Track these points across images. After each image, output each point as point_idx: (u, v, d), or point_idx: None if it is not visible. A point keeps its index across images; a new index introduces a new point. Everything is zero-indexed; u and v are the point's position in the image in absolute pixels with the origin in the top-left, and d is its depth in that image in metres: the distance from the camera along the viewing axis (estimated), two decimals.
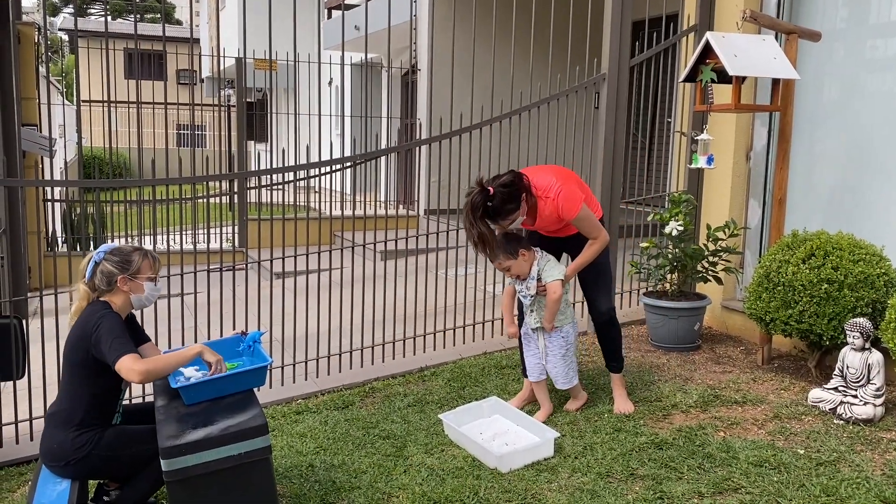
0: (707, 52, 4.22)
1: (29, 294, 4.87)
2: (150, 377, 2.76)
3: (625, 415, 3.81)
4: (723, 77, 4.21)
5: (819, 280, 3.90)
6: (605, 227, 3.76)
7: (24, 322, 3.89)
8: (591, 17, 5.21)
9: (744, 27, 4.46)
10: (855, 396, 3.67)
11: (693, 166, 4.53)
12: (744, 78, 4.14)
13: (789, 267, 4.02)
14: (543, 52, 5.70)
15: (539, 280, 3.68)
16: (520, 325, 3.95)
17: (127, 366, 2.71)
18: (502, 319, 5.32)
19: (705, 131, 4.52)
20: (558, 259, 3.81)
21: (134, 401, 4.12)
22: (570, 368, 3.82)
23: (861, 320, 3.69)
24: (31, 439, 3.96)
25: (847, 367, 3.74)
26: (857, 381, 3.69)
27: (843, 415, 3.65)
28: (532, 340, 3.88)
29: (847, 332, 3.72)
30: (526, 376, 3.97)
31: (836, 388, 3.76)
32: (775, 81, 4.33)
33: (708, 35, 4.18)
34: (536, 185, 3.55)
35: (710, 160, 4.41)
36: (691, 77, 4.40)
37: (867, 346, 3.69)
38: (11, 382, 3.92)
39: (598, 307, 3.89)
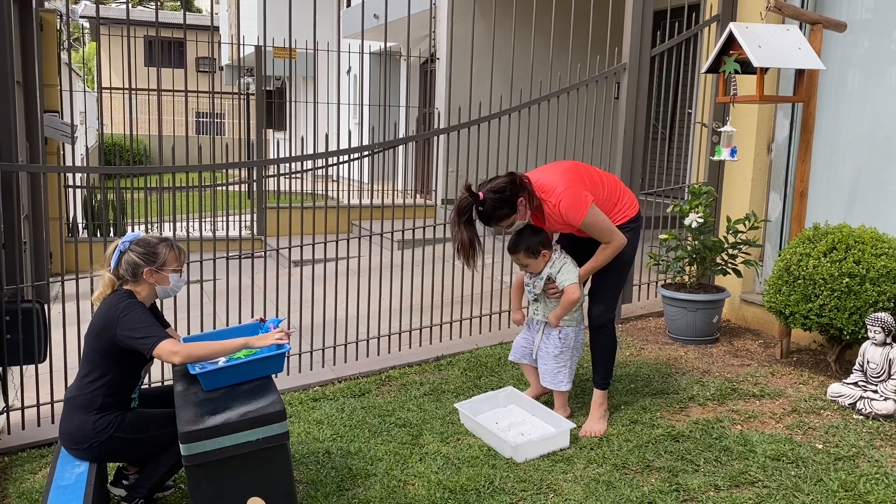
0: (730, 42, 4.18)
1: (50, 279, 4.93)
2: (190, 360, 2.88)
3: (595, 437, 3.52)
4: (746, 68, 4.16)
5: (840, 274, 3.86)
6: (641, 221, 3.57)
7: (45, 306, 3.95)
8: (612, 7, 5.17)
9: (767, 17, 4.40)
10: (875, 392, 3.64)
11: (716, 158, 4.47)
12: (767, 69, 4.09)
13: (810, 260, 3.98)
14: (563, 42, 5.66)
15: (551, 280, 3.57)
16: None
17: (168, 349, 2.80)
18: None
19: (728, 123, 4.47)
20: (586, 259, 3.56)
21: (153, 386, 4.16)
22: (560, 371, 3.64)
23: (883, 315, 3.65)
24: (53, 422, 4.02)
25: (867, 361, 3.70)
26: (878, 377, 3.65)
27: (863, 410, 3.61)
28: (532, 326, 3.79)
29: (868, 326, 3.68)
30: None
31: (855, 383, 3.73)
32: (799, 72, 4.27)
33: (731, 26, 4.13)
34: (541, 187, 3.37)
35: (733, 152, 4.36)
36: (714, 68, 4.36)
37: (888, 341, 3.65)
38: (34, 366, 3.98)
39: (592, 312, 3.67)
